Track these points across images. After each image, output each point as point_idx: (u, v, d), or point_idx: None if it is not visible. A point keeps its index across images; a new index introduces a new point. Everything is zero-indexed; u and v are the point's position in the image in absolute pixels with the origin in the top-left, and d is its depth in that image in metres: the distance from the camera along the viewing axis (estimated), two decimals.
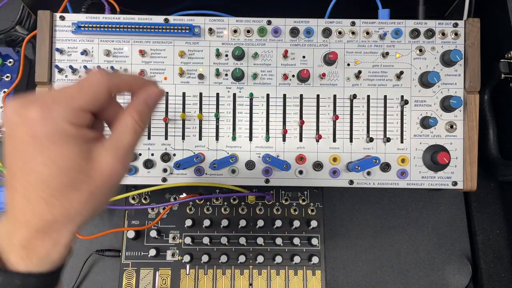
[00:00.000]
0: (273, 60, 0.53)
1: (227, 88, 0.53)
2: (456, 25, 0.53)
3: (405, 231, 0.62)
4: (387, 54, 0.53)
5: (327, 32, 0.53)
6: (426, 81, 0.52)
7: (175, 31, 0.52)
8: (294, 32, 0.53)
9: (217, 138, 0.53)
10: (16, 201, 0.28)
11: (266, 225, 0.60)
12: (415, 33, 0.53)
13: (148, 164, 0.52)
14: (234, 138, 0.52)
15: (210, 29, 0.53)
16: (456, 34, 0.53)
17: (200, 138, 0.53)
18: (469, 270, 0.60)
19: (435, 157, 0.51)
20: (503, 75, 0.54)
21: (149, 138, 0.52)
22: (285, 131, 0.52)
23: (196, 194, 0.59)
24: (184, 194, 0.60)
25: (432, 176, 0.53)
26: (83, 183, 0.29)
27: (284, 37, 0.53)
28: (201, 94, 0.53)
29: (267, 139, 0.52)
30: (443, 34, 0.53)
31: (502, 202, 0.61)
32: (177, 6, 0.60)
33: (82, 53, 0.52)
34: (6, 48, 0.62)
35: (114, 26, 0.51)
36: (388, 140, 0.52)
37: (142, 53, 0.52)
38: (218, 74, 0.52)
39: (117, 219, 0.62)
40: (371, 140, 0.52)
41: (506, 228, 0.60)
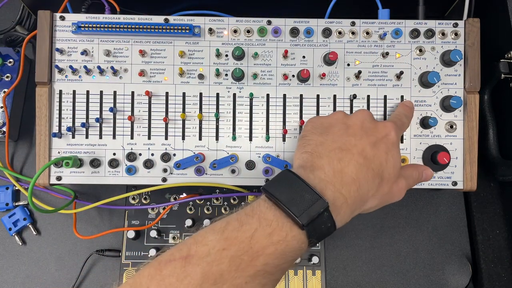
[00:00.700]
0: (273, 60, 0.53)
1: (227, 88, 0.53)
2: (456, 25, 0.53)
3: (405, 231, 0.62)
4: (387, 54, 0.53)
5: (327, 32, 0.53)
6: (426, 81, 0.52)
7: (175, 31, 0.52)
8: (294, 32, 0.53)
9: (217, 138, 0.53)
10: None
11: None
12: (415, 33, 0.53)
13: (148, 164, 0.52)
14: (234, 138, 0.52)
15: (210, 29, 0.53)
16: (456, 34, 0.53)
17: (200, 138, 0.53)
18: (469, 270, 0.60)
19: (435, 157, 0.51)
20: (503, 75, 0.54)
21: (149, 138, 0.53)
22: (285, 131, 0.52)
23: (196, 194, 0.59)
24: (184, 194, 0.60)
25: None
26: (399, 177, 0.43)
27: (284, 37, 0.53)
28: (201, 94, 0.53)
29: (267, 139, 0.52)
30: (443, 34, 0.53)
31: (502, 202, 0.61)
32: (177, 6, 0.60)
33: (82, 53, 0.52)
34: (6, 48, 0.62)
35: (114, 26, 0.51)
36: None
37: (142, 53, 0.52)
38: (218, 74, 0.52)
39: (117, 219, 0.62)
40: None
41: (506, 228, 0.60)
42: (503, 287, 0.59)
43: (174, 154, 0.52)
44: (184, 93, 0.53)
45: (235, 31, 0.53)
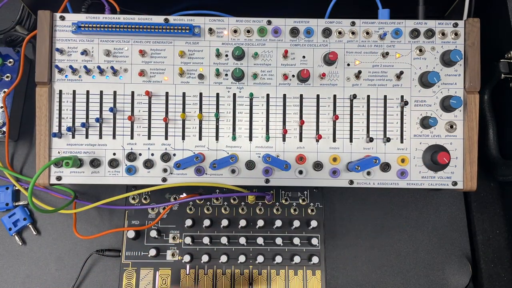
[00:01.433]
0: (273, 60, 0.53)
1: (227, 88, 0.53)
2: (456, 25, 0.53)
3: (405, 231, 0.62)
4: (387, 54, 0.53)
5: (327, 32, 0.53)
6: (426, 81, 0.52)
7: (175, 31, 0.52)
8: (294, 32, 0.53)
9: (217, 138, 0.53)
10: None
11: (266, 225, 0.60)
12: (415, 33, 0.53)
13: (148, 164, 0.52)
14: (234, 138, 0.52)
15: (210, 29, 0.53)
16: (456, 34, 0.53)
17: (200, 138, 0.53)
18: (469, 270, 0.60)
19: (435, 157, 0.51)
20: (503, 75, 0.54)
21: (149, 138, 0.53)
22: (285, 131, 0.52)
23: (196, 194, 0.59)
24: (184, 194, 0.60)
25: (432, 176, 0.53)
26: None
27: (284, 37, 0.53)
28: (201, 94, 0.53)
29: (267, 139, 0.52)
30: (443, 34, 0.53)
31: (502, 202, 0.61)
32: (177, 6, 0.60)
33: (82, 53, 0.52)
34: (6, 48, 0.62)
35: (114, 26, 0.51)
36: (388, 140, 0.52)
37: (142, 53, 0.52)
38: (218, 74, 0.52)
39: (117, 219, 0.62)
40: (371, 140, 0.52)
41: (506, 228, 0.60)
42: (503, 287, 0.59)
43: (174, 154, 0.52)
44: (184, 93, 0.53)
45: (235, 31, 0.53)
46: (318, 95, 0.53)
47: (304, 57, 0.53)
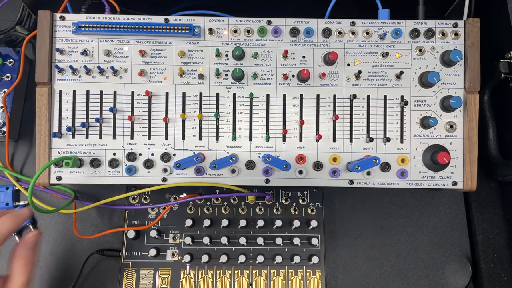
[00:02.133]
0: (273, 60, 0.53)
1: (227, 88, 0.53)
2: (456, 25, 0.53)
3: (405, 231, 0.62)
4: (387, 54, 0.53)
5: (327, 32, 0.53)
6: (426, 81, 0.52)
7: (175, 31, 0.52)
8: (294, 32, 0.53)
9: (217, 138, 0.53)
10: None
11: (266, 225, 0.60)
12: (415, 33, 0.53)
13: (148, 164, 0.52)
14: (234, 138, 0.52)
15: (210, 29, 0.53)
16: (456, 34, 0.53)
17: (200, 138, 0.53)
18: (469, 270, 0.60)
19: (435, 157, 0.51)
20: (503, 75, 0.54)
21: (149, 138, 0.53)
22: (285, 131, 0.52)
23: (196, 194, 0.59)
24: (184, 194, 0.60)
25: (432, 176, 0.53)
26: None
27: (284, 37, 0.53)
28: (201, 94, 0.53)
29: (267, 139, 0.53)
30: (443, 34, 0.53)
31: (502, 202, 0.61)
32: (177, 6, 0.60)
33: (82, 53, 0.52)
34: (6, 48, 0.62)
35: (114, 26, 0.51)
36: (388, 140, 0.52)
37: (142, 53, 0.52)
38: (218, 74, 0.52)
39: (117, 219, 0.62)
40: (371, 140, 0.52)
41: (506, 228, 0.60)
42: (503, 287, 0.59)
43: (174, 154, 0.52)
44: (184, 93, 0.53)
45: (235, 31, 0.53)
46: (318, 95, 0.53)
47: (304, 57, 0.53)
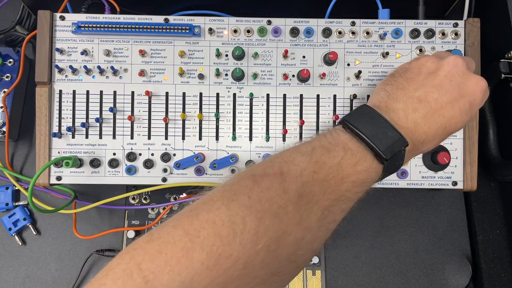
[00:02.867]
0: (273, 60, 0.53)
1: (227, 88, 0.53)
2: (456, 25, 0.53)
3: (405, 231, 0.62)
4: (387, 54, 0.53)
5: (327, 32, 0.53)
6: None
7: (175, 31, 0.52)
8: (294, 32, 0.53)
9: (217, 138, 0.53)
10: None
11: None
12: (415, 33, 0.53)
13: (148, 164, 0.52)
14: (234, 138, 0.52)
15: (210, 29, 0.53)
16: (456, 34, 0.53)
17: (200, 138, 0.53)
18: (469, 270, 0.60)
19: (435, 157, 0.51)
20: (503, 75, 0.54)
21: (149, 138, 0.53)
22: (285, 131, 0.52)
23: (196, 194, 0.59)
24: (184, 194, 0.60)
25: (432, 176, 0.53)
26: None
27: (284, 37, 0.53)
28: (201, 94, 0.53)
29: (267, 139, 0.52)
30: (443, 34, 0.53)
31: (502, 202, 0.61)
32: (177, 6, 0.60)
33: (82, 53, 0.52)
34: (6, 48, 0.62)
35: (114, 26, 0.51)
36: None
37: (142, 53, 0.52)
38: (218, 74, 0.52)
39: (117, 219, 0.62)
40: None
41: (506, 228, 0.60)
42: (503, 287, 0.59)
43: (174, 154, 0.52)
44: (184, 93, 0.53)
45: (235, 31, 0.53)
46: (318, 95, 0.53)
47: (304, 57, 0.53)
